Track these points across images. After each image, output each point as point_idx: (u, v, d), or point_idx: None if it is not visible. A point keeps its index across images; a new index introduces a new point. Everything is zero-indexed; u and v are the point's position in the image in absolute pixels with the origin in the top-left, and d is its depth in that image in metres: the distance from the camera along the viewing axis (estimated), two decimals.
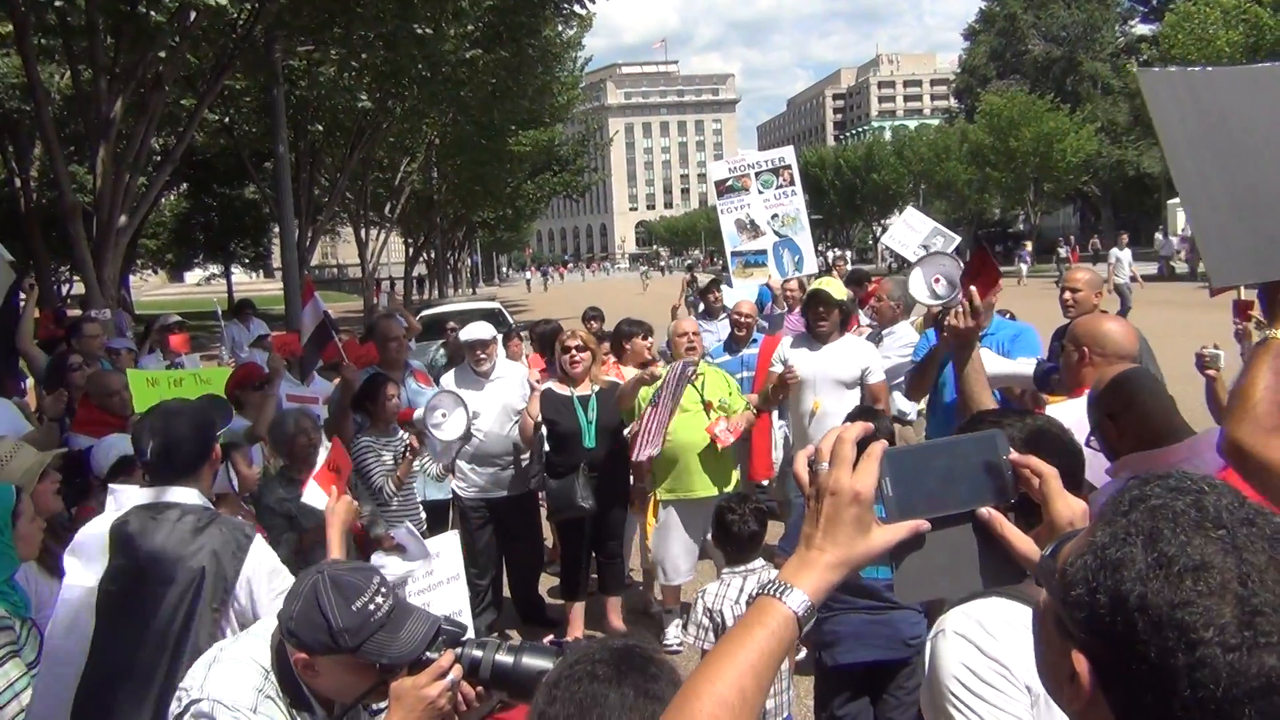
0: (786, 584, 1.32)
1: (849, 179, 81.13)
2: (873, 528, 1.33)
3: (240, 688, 2.30)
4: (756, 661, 1.28)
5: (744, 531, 4.36)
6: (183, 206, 43.49)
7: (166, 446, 3.14)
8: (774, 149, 9.44)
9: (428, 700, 2.14)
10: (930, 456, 1.44)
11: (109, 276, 15.18)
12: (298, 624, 2.24)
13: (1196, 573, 0.98)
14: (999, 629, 1.96)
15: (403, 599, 2.31)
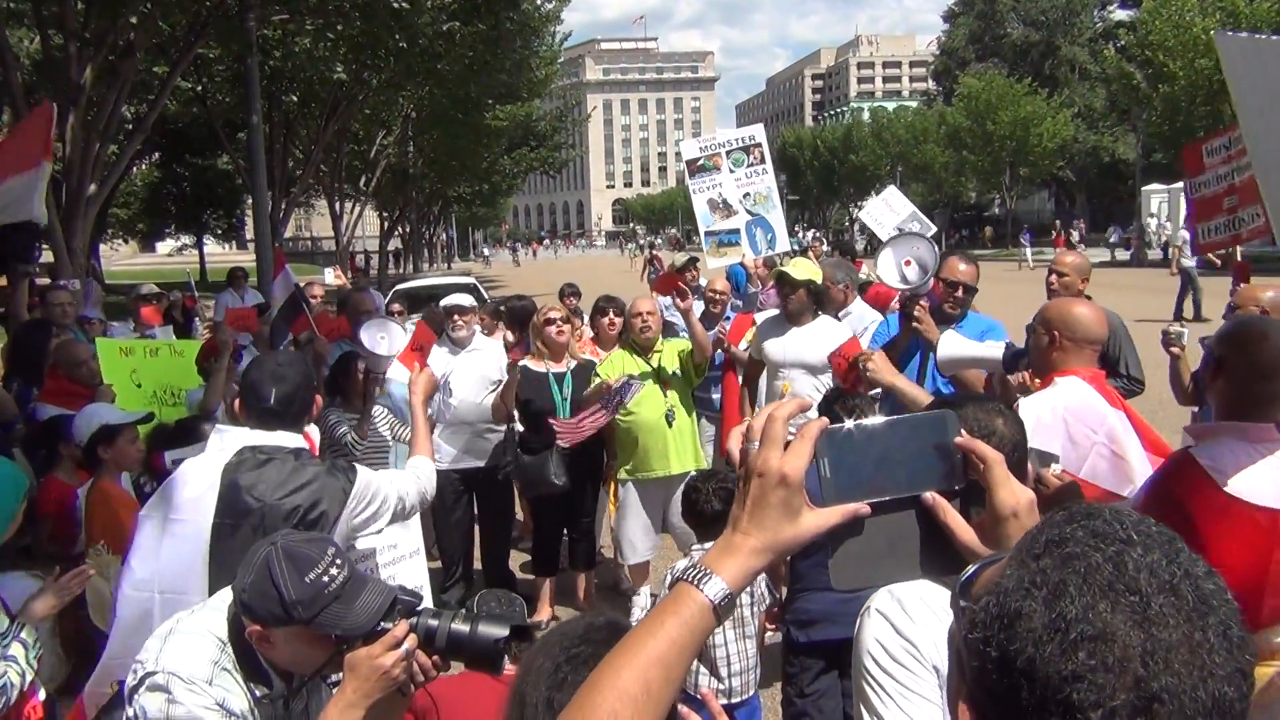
0: (706, 570, 1.25)
1: (827, 160, 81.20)
2: (803, 511, 1.25)
3: (196, 660, 2.30)
4: (665, 652, 1.21)
5: (709, 509, 4.41)
6: (154, 176, 43.09)
7: (289, 394, 3.24)
8: (745, 127, 9.41)
9: (382, 670, 2.15)
10: (873, 437, 1.33)
11: (78, 245, 15.06)
12: (250, 596, 2.23)
13: (1094, 643, 0.87)
14: (917, 610, 1.99)
15: (358, 570, 2.31)
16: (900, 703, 2.00)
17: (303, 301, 7.05)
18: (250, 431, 3.20)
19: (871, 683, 2.03)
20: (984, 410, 2.37)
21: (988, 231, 64.79)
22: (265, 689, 2.36)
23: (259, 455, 3.11)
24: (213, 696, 2.27)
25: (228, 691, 2.30)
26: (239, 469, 3.07)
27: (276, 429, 3.20)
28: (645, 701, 1.18)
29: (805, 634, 4.22)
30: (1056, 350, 3.67)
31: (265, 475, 3.06)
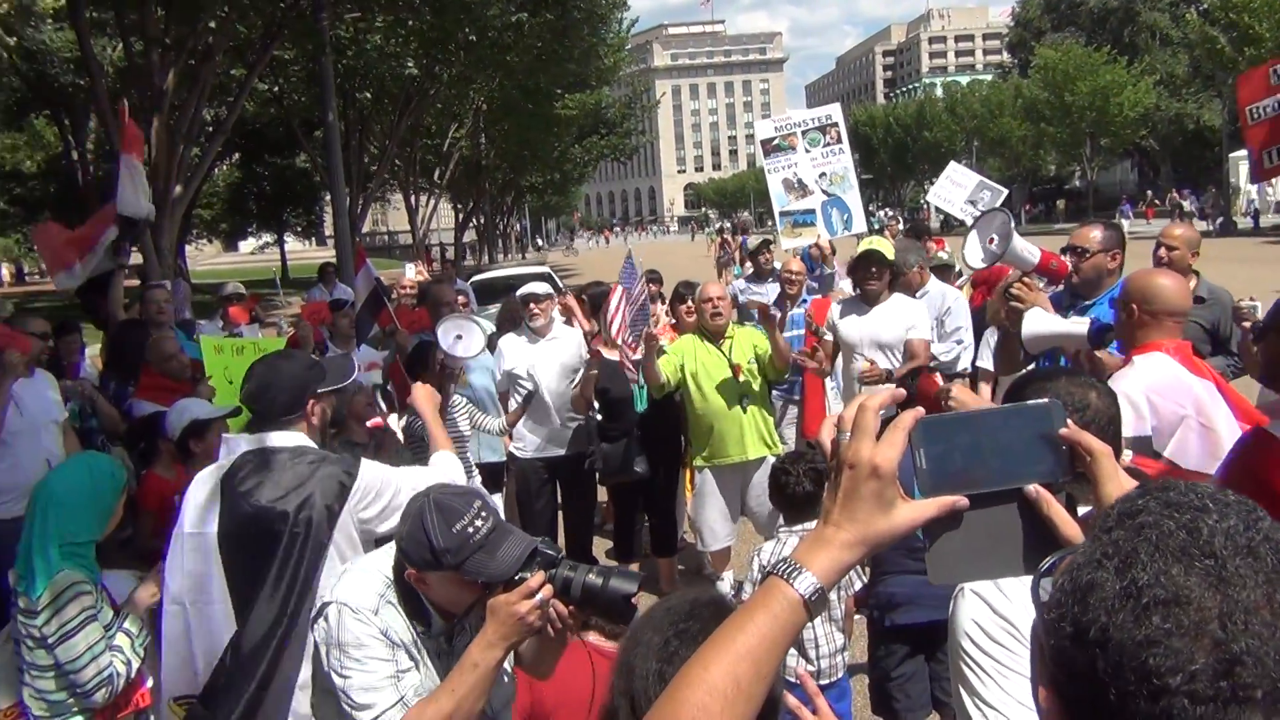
0: (797, 565, 1.23)
1: (900, 137, 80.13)
2: (896, 504, 1.21)
3: (364, 593, 2.52)
4: (755, 647, 1.20)
5: (799, 491, 4.37)
6: (235, 176, 44.04)
7: (258, 392, 3.29)
8: (821, 106, 9.31)
9: (518, 616, 2.31)
10: (973, 427, 1.28)
11: (166, 246, 15.47)
12: (406, 542, 2.45)
13: (1168, 607, 0.84)
14: (1015, 590, 1.96)
15: (502, 522, 2.46)
16: (1000, 682, 1.98)
17: (384, 295, 7.16)
18: (250, 436, 3.27)
19: (970, 663, 2.02)
20: (1076, 383, 2.32)
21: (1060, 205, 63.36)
22: (425, 626, 2.55)
23: (254, 459, 3.16)
24: (377, 626, 2.48)
25: (391, 623, 2.50)
26: (236, 475, 3.14)
27: (269, 430, 3.25)
28: (735, 696, 1.18)
29: (890, 618, 4.18)
30: (1137, 324, 3.59)
31: (259, 478, 3.11)
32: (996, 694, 1.97)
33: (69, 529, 3.28)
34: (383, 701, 2.43)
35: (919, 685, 4.20)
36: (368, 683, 2.44)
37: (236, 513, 3.08)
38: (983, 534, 1.28)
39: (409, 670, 2.51)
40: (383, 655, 2.47)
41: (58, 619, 3.18)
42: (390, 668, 2.47)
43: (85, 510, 3.33)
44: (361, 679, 2.45)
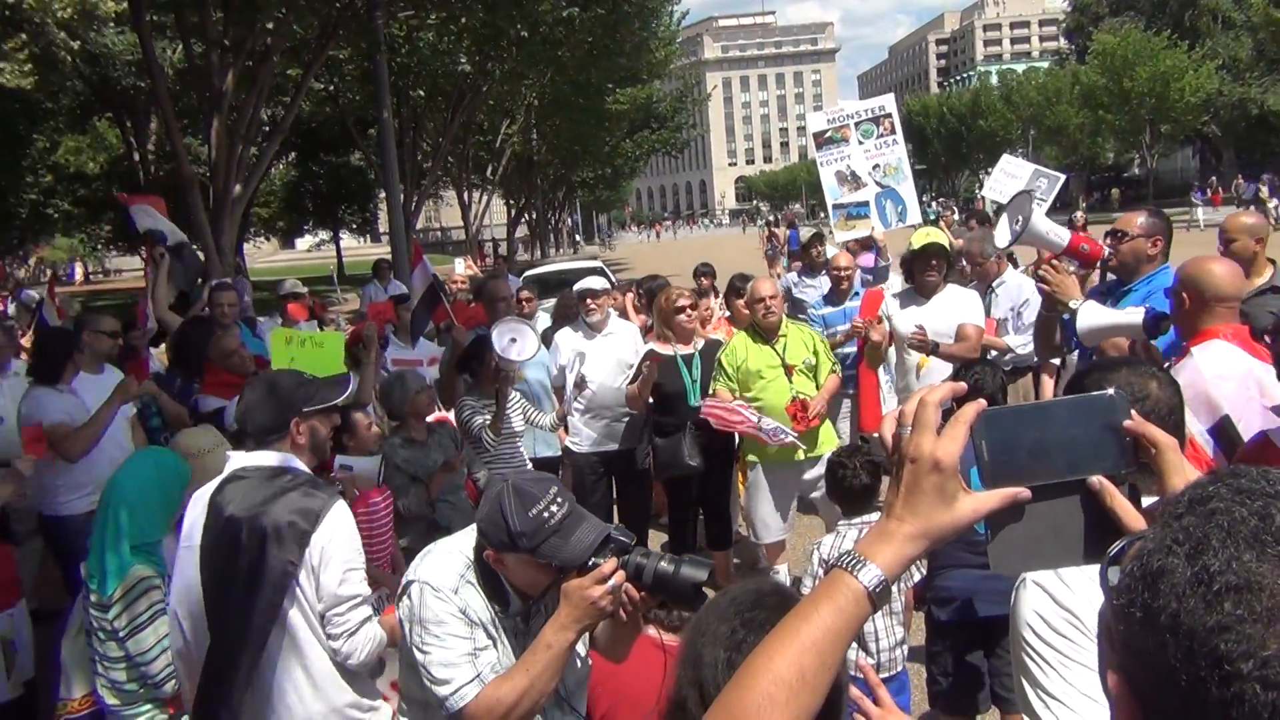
0: (861, 558, 1.25)
1: (954, 127, 79.21)
2: (958, 497, 1.23)
3: (445, 572, 2.61)
4: (820, 639, 1.21)
5: (856, 484, 4.36)
6: (291, 175, 44.60)
7: (244, 412, 3.30)
8: (874, 97, 9.26)
9: (590, 600, 2.40)
10: (1036, 418, 1.30)
11: (226, 244, 15.74)
12: (485, 524, 2.55)
13: (1240, 593, 0.83)
14: (1077, 581, 1.95)
15: (577, 508, 2.53)
16: (1062, 673, 1.98)
17: (441, 291, 7.24)
18: (240, 454, 3.28)
19: (1032, 654, 2.01)
20: (1137, 373, 2.29)
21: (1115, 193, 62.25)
22: (503, 606, 2.63)
23: (238, 475, 3.18)
24: (456, 604, 2.57)
25: (470, 602, 2.59)
26: (220, 492, 3.16)
27: (254, 449, 3.27)
28: (799, 686, 1.19)
29: (947, 612, 4.16)
30: (1190, 312, 3.56)
31: (239, 496, 3.11)
32: (1059, 685, 1.97)
33: (139, 527, 3.37)
34: (460, 677, 2.51)
35: (977, 681, 4.18)
36: (446, 658, 2.53)
37: (213, 527, 3.10)
38: (1045, 525, 1.29)
39: (486, 648, 2.58)
40: (461, 633, 2.55)
41: (128, 613, 3.28)
42: (468, 645, 2.55)
43: (155, 508, 3.42)
44: (440, 655, 2.53)
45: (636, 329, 7.31)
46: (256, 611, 3.00)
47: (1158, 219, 4.64)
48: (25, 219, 34.82)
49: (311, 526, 3.05)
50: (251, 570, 3.01)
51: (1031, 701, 2.01)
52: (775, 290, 6.57)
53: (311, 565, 3.08)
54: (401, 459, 5.30)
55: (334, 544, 3.10)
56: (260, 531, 3.01)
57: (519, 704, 2.46)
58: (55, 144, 33.95)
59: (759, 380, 6.25)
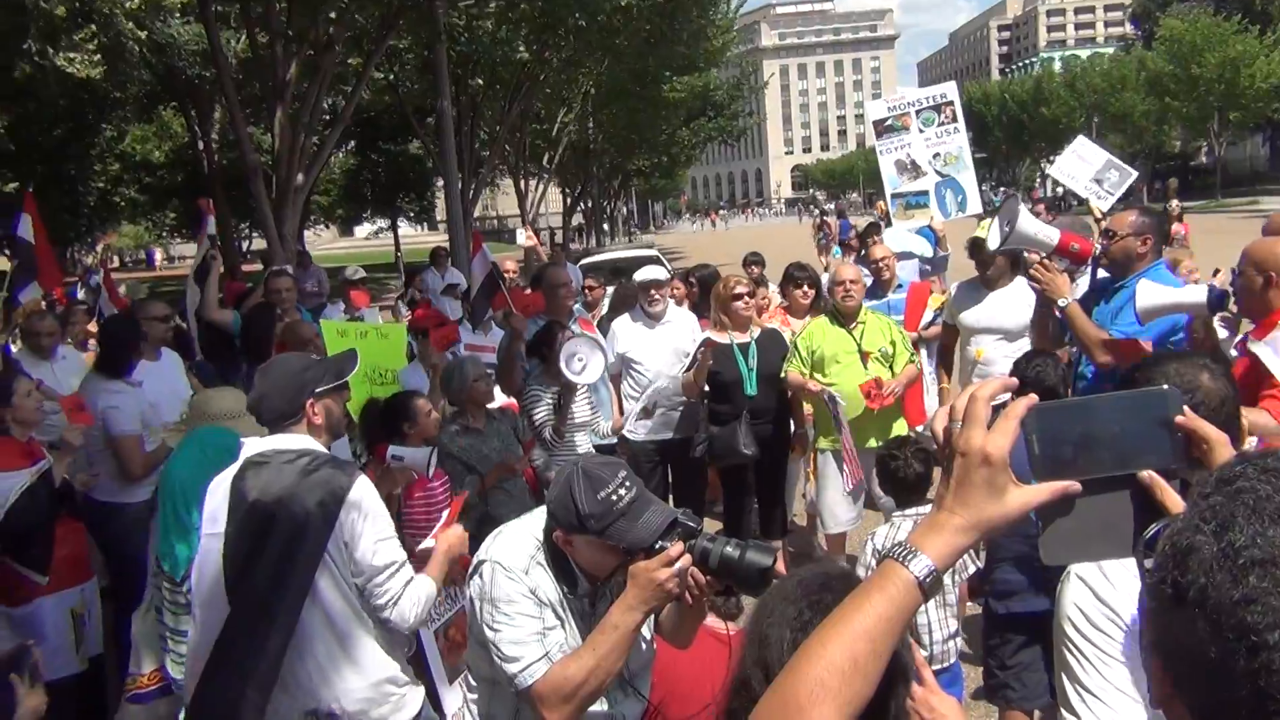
0: (912, 547, 1.28)
1: (1015, 114, 77.99)
2: (1008, 490, 1.25)
3: (516, 553, 2.66)
4: (872, 627, 1.24)
5: (909, 475, 4.35)
6: (351, 163, 45.07)
7: (257, 400, 3.33)
8: (935, 85, 9.14)
9: (657, 582, 2.44)
10: (1087, 413, 1.31)
11: (288, 232, 15.98)
12: (555, 506, 2.59)
13: (1265, 566, 0.86)
14: (1120, 576, 1.93)
15: (646, 492, 2.57)
16: (1101, 669, 1.97)
17: (499, 278, 7.30)
18: (258, 439, 3.32)
19: (1072, 649, 2.01)
20: (1187, 364, 2.26)
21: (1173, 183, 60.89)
22: (571, 587, 2.68)
23: (256, 460, 3.21)
24: (527, 584, 2.62)
25: (539, 583, 2.64)
26: (242, 477, 3.18)
27: (273, 432, 3.30)
28: (852, 673, 1.22)
29: (1005, 605, 4.14)
30: (1260, 291, 3.54)
31: (261, 480, 3.14)
32: (1097, 681, 1.96)
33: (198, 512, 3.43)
34: (529, 655, 2.56)
35: (1035, 674, 4.14)
36: (516, 637, 2.58)
37: (237, 512, 3.13)
38: (1095, 518, 1.30)
39: (554, 628, 2.63)
40: (531, 612, 2.60)
41: None
42: (537, 624, 2.60)
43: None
44: (510, 633, 2.59)
45: (694, 318, 7.32)
46: (288, 596, 3.03)
47: (1147, 218, 4.74)
48: (93, 206, 35.58)
49: (338, 506, 3.09)
50: (281, 555, 3.04)
51: (1069, 696, 2.01)
52: (857, 275, 6.57)
53: (343, 543, 3.13)
54: (458, 447, 5.31)
55: (362, 519, 3.14)
56: (288, 516, 3.05)
57: (586, 683, 2.50)
58: (122, 133, 34.63)
59: (834, 365, 6.26)
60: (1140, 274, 4.54)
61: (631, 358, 6.84)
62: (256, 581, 3.05)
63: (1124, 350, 4.20)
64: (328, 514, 3.08)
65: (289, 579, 3.05)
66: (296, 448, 3.22)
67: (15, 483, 4.52)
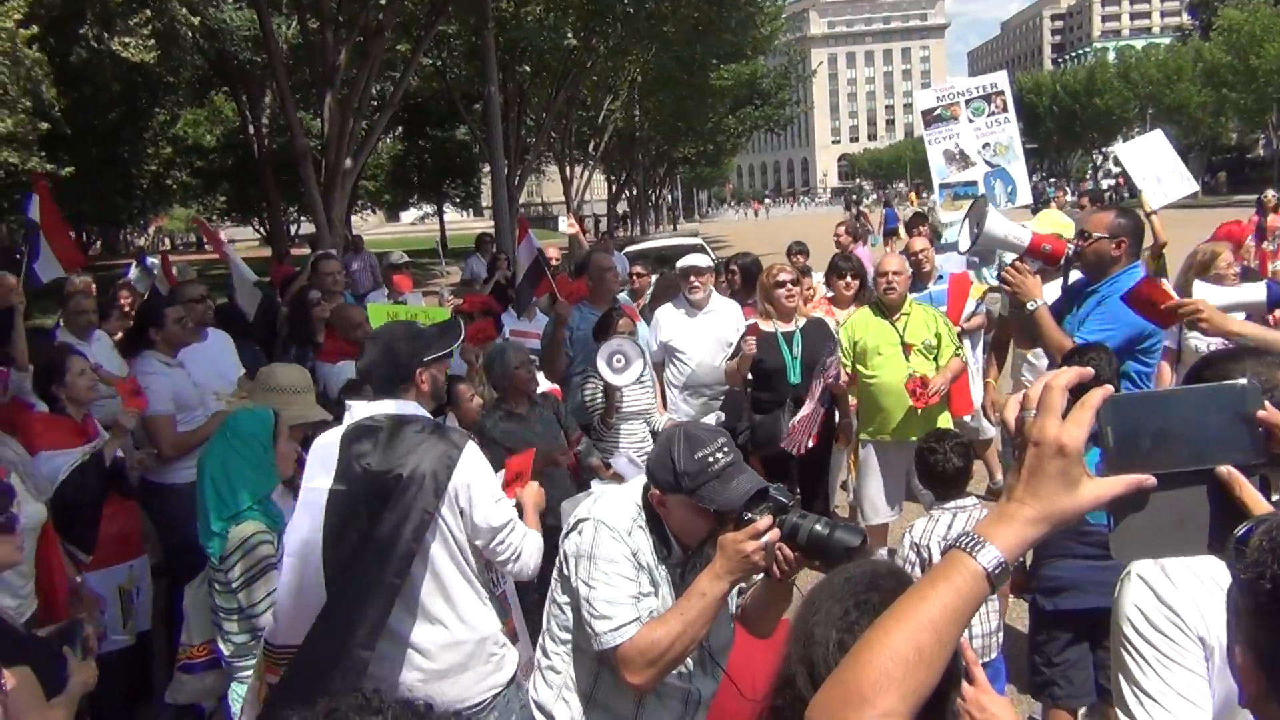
0: (980, 538, 1.25)
1: (1067, 105, 76.82)
2: (1081, 482, 1.22)
3: (620, 514, 2.74)
4: (938, 618, 1.22)
5: (948, 469, 4.30)
6: (398, 149, 45.35)
7: (370, 367, 3.40)
8: (985, 74, 9.02)
9: (743, 554, 2.47)
10: (1164, 406, 1.29)
11: (337, 216, 16.13)
12: (653, 464, 2.69)
13: None
14: (1182, 578, 1.90)
15: (742, 461, 2.63)
16: (1160, 672, 1.94)
17: (545, 265, 7.31)
18: (368, 404, 3.36)
19: (1130, 650, 1.98)
20: (1263, 362, 2.22)
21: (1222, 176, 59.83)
22: (666, 553, 2.74)
23: (368, 424, 3.26)
24: (629, 545, 2.69)
25: (640, 546, 2.71)
26: (351, 438, 3.23)
27: (382, 398, 3.34)
28: (916, 663, 1.21)
29: (1053, 602, 4.08)
30: None
31: (374, 446, 3.20)
32: (1156, 684, 1.93)
33: (239, 496, 3.48)
34: (621, 616, 2.61)
35: (1081, 672, 4.09)
36: (612, 596, 2.63)
37: (349, 475, 3.18)
38: (1169, 513, 1.27)
39: (649, 595, 2.69)
40: (629, 575, 2.67)
41: (242, 565, 3.40)
42: (634, 588, 2.66)
43: (244, 475, 3.51)
44: (606, 592, 2.64)
45: (738, 307, 7.29)
46: (397, 557, 3.09)
47: (1125, 220, 4.62)
48: (146, 189, 36.07)
49: (449, 472, 3.16)
50: (393, 518, 3.10)
51: (1126, 698, 1.98)
52: (900, 265, 6.50)
53: (459, 507, 3.20)
54: (500, 433, 5.32)
55: (475, 483, 3.21)
56: (400, 480, 3.11)
57: (672, 647, 2.55)
58: (175, 117, 35.09)
59: (875, 357, 6.21)
60: (1113, 278, 4.46)
61: (674, 346, 6.83)
62: (363, 542, 3.12)
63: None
64: (440, 480, 3.14)
65: (399, 541, 3.10)
66: (405, 414, 3.29)
67: (66, 461, 4.61)
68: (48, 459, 4.59)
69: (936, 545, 4.15)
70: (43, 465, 4.52)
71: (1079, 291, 4.65)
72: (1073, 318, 4.58)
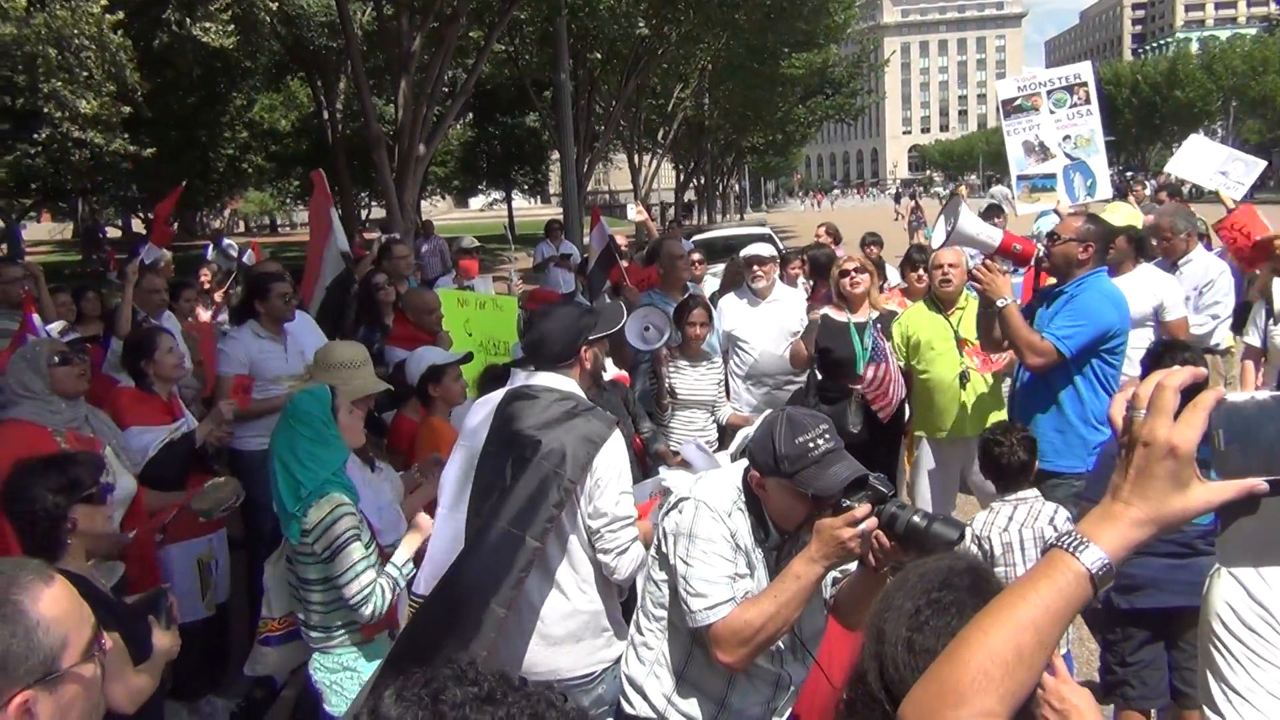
0: (1083, 538, 1.23)
1: (1147, 97, 75.09)
2: (1192, 485, 1.20)
3: (721, 496, 2.80)
4: (1039, 618, 1.21)
5: (1013, 461, 4.25)
6: (468, 136, 45.67)
7: (538, 341, 3.48)
8: (1068, 65, 8.84)
9: (839, 540, 2.51)
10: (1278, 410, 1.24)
11: (408, 201, 16.31)
12: (754, 446, 2.73)
13: None
14: (1274, 575, 1.87)
15: (842, 448, 2.65)
16: (1250, 670, 1.91)
17: (616, 252, 7.34)
18: (527, 373, 3.47)
19: (1220, 648, 1.95)
20: None
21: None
22: (763, 536, 2.78)
23: (525, 393, 3.36)
24: (728, 526, 2.74)
25: (739, 528, 2.76)
26: (508, 404, 3.35)
27: (544, 371, 3.43)
28: (1016, 664, 1.19)
29: (1129, 600, 4.01)
30: None
31: (527, 412, 3.29)
32: (1245, 681, 1.90)
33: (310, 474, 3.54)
34: (716, 595, 2.67)
35: (1156, 673, 4.03)
36: (709, 575, 2.69)
37: (499, 436, 3.30)
38: None
39: (745, 577, 2.74)
40: (727, 555, 2.72)
41: (325, 537, 3.46)
42: (730, 568, 2.71)
43: (311, 453, 3.57)
44: (703, 570, 2.70)
45: (803, 296, 7.25)
46: (538, 523, 3.16)
47: (1093, 225, 4.84)
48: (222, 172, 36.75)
49: (594, 452, 3.22)
50: (540, 485, 3.18)
51: (1214, 695, 1.96)
52: (956, 258, 6.38)
53: (590, 487, 3.26)
54: None
55: (611, 469, 3.27)
56: (551, 451, 3.18)
57: (764, 628, 2.60)
58: (251, 102, 35.63)
59: (929, 352, 6.09)
60: (1079, 280, 4.70)
61: (737, 335, 6.82)
62: (505, 503, 3.20)
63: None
64: (584, 457, 3.20)
65: (541, 507, 3.18)
66: (564, 389, 3.38)
67: (155, 437, 4.76)
68: (137, 434, 4.74)
69: (997, 537, 4.13)
70: (132, 440, 4.67)
71: (1048, 292, 4.90)
72: (1042, 315, 4.79)
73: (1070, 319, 4.67)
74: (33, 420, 4.20)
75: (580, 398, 3.42)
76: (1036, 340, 4.61)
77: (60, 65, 15.23)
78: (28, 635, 1.55)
